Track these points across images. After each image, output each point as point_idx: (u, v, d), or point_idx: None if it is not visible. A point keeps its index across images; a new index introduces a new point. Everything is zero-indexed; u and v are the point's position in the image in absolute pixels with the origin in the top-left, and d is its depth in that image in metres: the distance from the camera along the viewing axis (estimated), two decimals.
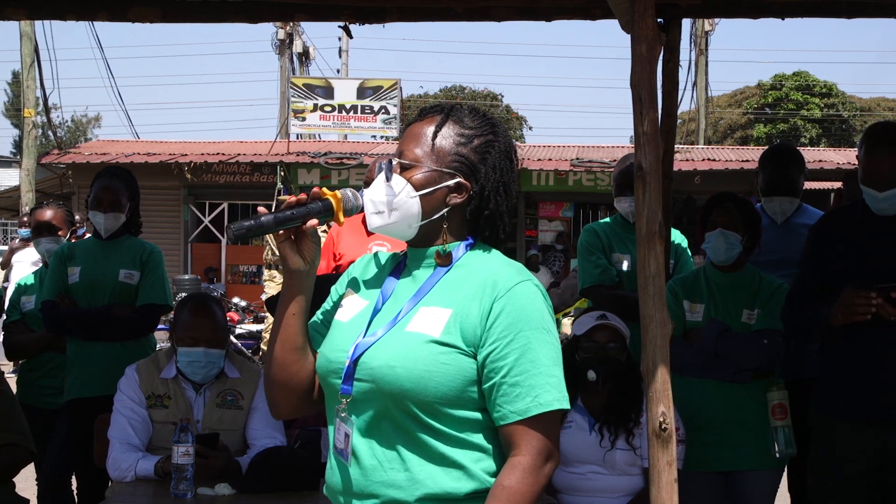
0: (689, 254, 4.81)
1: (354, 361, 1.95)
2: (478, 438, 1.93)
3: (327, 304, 2.15)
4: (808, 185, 6.77)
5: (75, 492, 4.88)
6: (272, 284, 12.99)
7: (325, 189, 2.05)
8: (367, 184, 4.31)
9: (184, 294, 9.56)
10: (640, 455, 3.63)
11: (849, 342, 3.41)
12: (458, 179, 2.00)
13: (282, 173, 18.62)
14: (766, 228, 4.19)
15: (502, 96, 44.74)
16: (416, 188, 1.99)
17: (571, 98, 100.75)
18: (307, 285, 2.05)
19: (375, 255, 2.17)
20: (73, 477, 4.94)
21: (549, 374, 1.91)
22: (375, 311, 2.02)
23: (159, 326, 4.87)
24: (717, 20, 23.06)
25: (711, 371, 3.87)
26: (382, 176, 2.02)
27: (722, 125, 40.72)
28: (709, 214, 4.00)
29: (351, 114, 19.54)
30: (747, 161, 17.87)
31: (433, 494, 1.90)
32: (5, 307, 5.29)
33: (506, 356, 1.90)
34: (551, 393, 1.91)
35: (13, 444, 3.98)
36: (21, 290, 5.28)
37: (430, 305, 1.96)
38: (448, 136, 2.02)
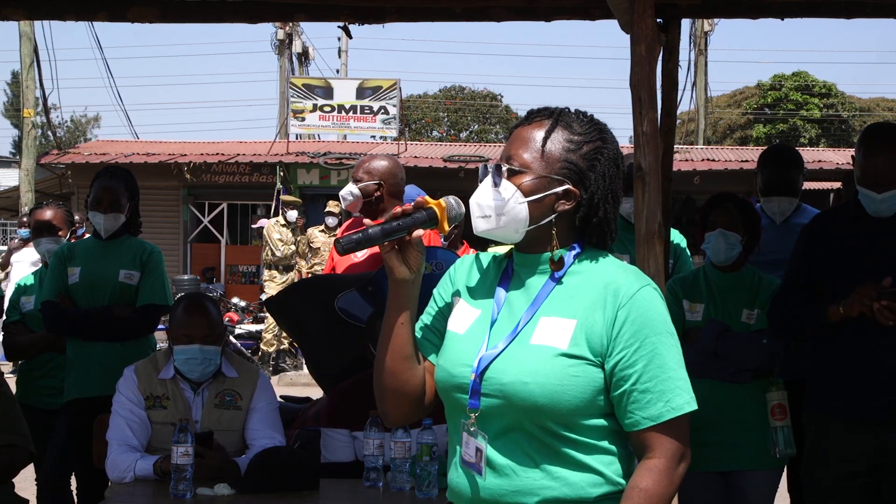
0: (689, 254, 4.82)
1: (480, 375, 1.94)
2: (605, 443, 1.94)
3: (431, 310, 2.13)
4: (808, 185, 6.78)
5: (74, 492, 4.88)
6: (272, 284, 13.01)
7: (428, 198, 2.03)
8: (356, 181, 4.33)
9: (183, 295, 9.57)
10: None
11: (844, 342, 3.42)
12: (566, 187, 1.98)
13: (281, 173, 18.63)
14: (765, 228, 4.20)
15: (502, 96, 44.79)
16: (525, 194, 1.97)
17: (571, 98, 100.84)
18: (413, 294, 2.03)
19: (476, 258, 2.15)
20: (73, 477, 4.94)
21: (678, 378, 1.95)
22: (492, 322, 2.00)
23: (159, 326, 4.87)
24: (716, 20, 23.07)
25: (711, 371, 3.87)
26: (490, 180, 2.00)
27: (721, 125, 40.73)
28: (708, 215, 4.00)
29: (350, 114, 19.53)
30: (747, 161, 17.89)
31: (566, 497, 1.91)
32: (5, 308, 5.28)
33: (634, 363, 1.91)
34: (682, 396, 1.95)
35: (13, 444, 3.98)
36: (21, 290, 5.28)
37: (550, 316, 1.95)
38: (557, 142, 2.00)
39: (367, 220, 2.04)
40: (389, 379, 2.04)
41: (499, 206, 1.98)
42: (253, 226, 17.71)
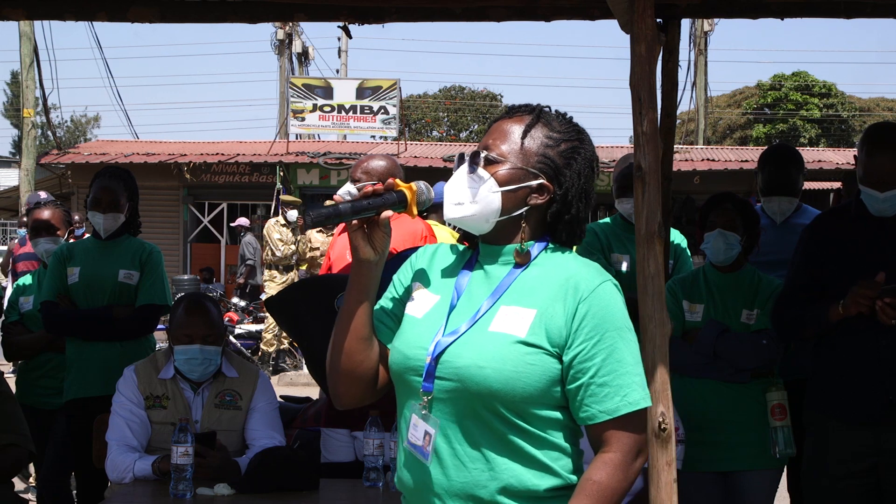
0: (689, 254, 4.81)
1: (436, 359, 1.95)
2: (558, 438, 1.95)
3: (390, 295, 2.14)
4: (808, 185, 6.79)
5: (74, 492, 4.88)
6: (272, 284, 13.00)
7: (399, 181, 2.05)
8: (354, 181, 4.32)
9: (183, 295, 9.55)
10: None
11: (844, 342, 3.42)
12: (541, 181, 2.01)
13: (281, 173, 18.62)
14: (765, 228, 4.20)
15: (502, 96, 44.73)
16: (500, 184, 2.00)
17: (571, 98, 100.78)
18: (376, 276, 2.04)
19: (440, 247, 2.17)
20: (73, 477, 4.94)
21: (635, 373, 1.95)
22: (451, 307, 2.01)
23: (159, 326, 4.86)
24: (716, 20, 23.06)
25: (710, 371, 3.87)
26: (465, 168, 2.02)
27: (721, 125, 40.74)
28: (708, 215, 4.00)
29: (350, 114, 19.53)
30: (746, 161, 17.89)
31: (514, 489, 1.92)
32: (4, 308, 5.28)
33: (593, 357, 1.92)
34: (638, 392, 1.95)
35: (13, 444, 3.98)
36: (19, 290, 5.27)
37: (511, 305, 1.97)
38: (536, 138, 2.03)
39: (337, 198, 2.02)
40: (344, 360, 2.05)
41: (472, 194, 2.00)
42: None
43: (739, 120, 40.34)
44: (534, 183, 2.01)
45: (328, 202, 2.07)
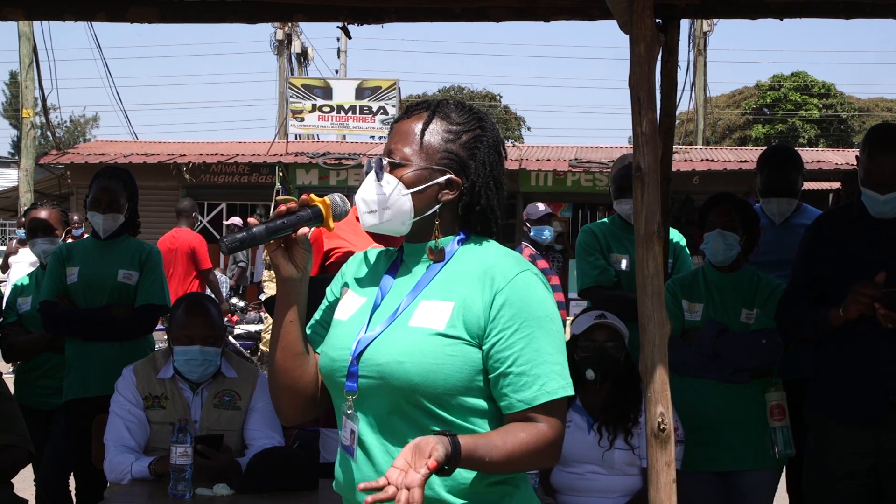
0: (688, 252, 4.82)
1: (357, 357, 1.96)
2: (486, 428, 1.95)
3: (324, 306, 2.16)
4: (807, 185, 6.78)
5: (73, 492, 4.88)
6: (272, 284, 13.00)
7: (313, 196, 2.05)
8: None
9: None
10: (638, 455, 3.63)
11: (844, 343, 3.42)
12: (448, 176, 2.01)
13: (280, 174, 18.62)
14: (764, 229, 4.20)
15: (501, 97, 44.79)
16: (408, 186, 2.00)
17: (570, 98, 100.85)
18: (301, 291, 2.06)
19: (369, 252, 2.18)
20: (72, 477, 4.94)
21: (554, 363, 1.94)
22: (375, 307, 2.02)
23: (158, 327, 4.86)
24: (715, 20, 23.06)
25: (710, 371, 3.87)
26: (373, 175, 2.03)
27: (720, 126, 40.74)
28: (707, 215, 4.00)
29: (349, 114, 19.54)
30: (746, 161, 17.89)
31: (445, 482, 1.90)
32: (2, 308, 5.27)
33: (511, 346, 1.92)
34: (557, 381, 1.93)
35: (12, 445, 3.98)
36: (17, 290, 5.27)
37: (430, 299, 1.97)
38: (436, 133, 2.03)
39: (252, 221, 2.03)
40: (282, 376, 2.06)
41: (382, 201, 2.01)
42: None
43: (739, 120, 40.35)
44: (441, 180, 2.01)
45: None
